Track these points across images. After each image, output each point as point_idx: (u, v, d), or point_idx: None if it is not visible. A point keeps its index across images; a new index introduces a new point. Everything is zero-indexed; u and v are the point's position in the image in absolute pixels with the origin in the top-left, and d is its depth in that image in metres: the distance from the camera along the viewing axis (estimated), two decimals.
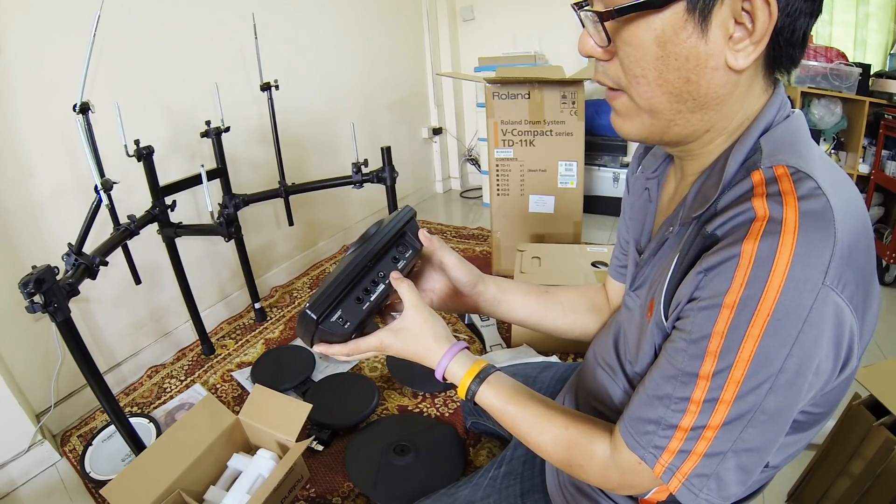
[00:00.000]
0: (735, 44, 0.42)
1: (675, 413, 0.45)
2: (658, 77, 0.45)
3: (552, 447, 0.57)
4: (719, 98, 0.45)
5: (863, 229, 0.42)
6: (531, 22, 2.76)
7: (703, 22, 0.41)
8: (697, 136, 0.50)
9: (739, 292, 0.40)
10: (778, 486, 1.11)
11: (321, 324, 0.59)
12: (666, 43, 0.43)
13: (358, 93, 2.46)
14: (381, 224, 0.67)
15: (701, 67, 0.43)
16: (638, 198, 0.65)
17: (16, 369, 1.29)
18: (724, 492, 0.45)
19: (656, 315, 0.51)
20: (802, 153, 0.44)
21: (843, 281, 0.39)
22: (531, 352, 1.53)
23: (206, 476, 1.11)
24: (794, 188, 0.40)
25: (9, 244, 1.26)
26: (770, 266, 0.39)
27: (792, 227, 0.38)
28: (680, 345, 0.45)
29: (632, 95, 0.48)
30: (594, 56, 0.48)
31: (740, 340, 0.40)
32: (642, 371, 0.54)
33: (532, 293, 0.78)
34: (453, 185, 3.36)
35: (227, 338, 1.78)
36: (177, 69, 1.59)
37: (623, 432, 0.50)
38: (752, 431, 0.43)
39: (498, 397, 0.60)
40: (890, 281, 1.91)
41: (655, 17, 0.42)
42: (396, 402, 1.41)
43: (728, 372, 0.41)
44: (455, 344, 0.64)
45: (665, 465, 0.46)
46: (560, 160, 1.93)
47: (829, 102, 2.10)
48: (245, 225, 1.79)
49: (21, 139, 1.26)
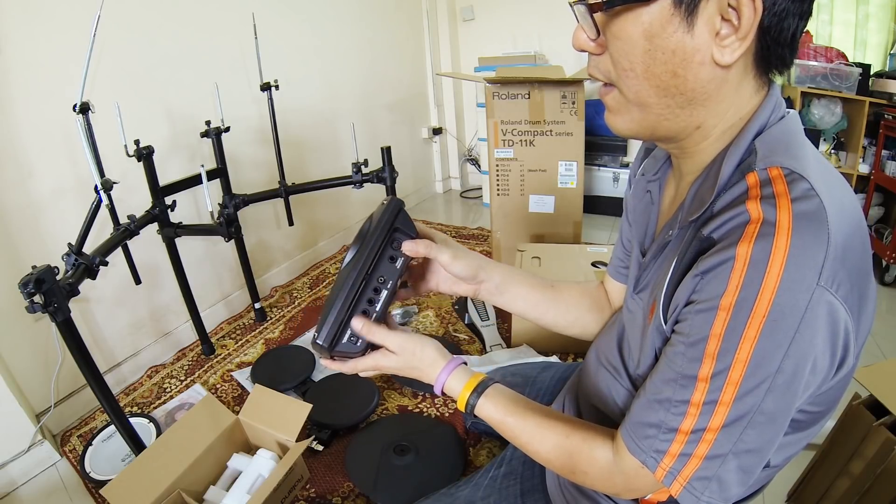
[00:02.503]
0: (721, 40, 0.43)
1: (675, 416, 0.46)
2: (646, 70, 0.45)
3: (554, 456, 0.57)
4: (707, 94, 0.46)
5: (857, 229, 0.43)
6: (531, 22, 2.76)
7: (689, 17, 0.42)
8: (688, 133, 0.50)
9: (735, 294, 0.40)
10: (778, 486, 1.11)
11: (334, 349, 0.59)
12: (653, 37, 0.43)
13: (358, 93, 2.46)
14: (370, 220, 0.64)
15: (687, 62, 0.44)
16: (640, 200, 0.65)
17: (16, 369, 1.29)
18: (725, 493, 0.46)
19: (656, 319, 0.51)
20: (797, 154, 0.44)
21: (838, 281, 0.40)
22: (531, 352, 1.53)
23: (206, 476, 1.11)
24: (787, 190, 0.41)
25: (9, 244, 1.26)
26: (765, 268, 0.39)
27: (785, 229, 0.39)
28: (679, 348, 0.46)
29: (621, 89, 0.49)
30: (586, 49, 0.49)
31: (737, 342, 0.41)
32: (644, 374, 0.54)
33: (537, 287, 0.76)
34: (453, 185, 3.36)
35: (227, 338, 1.78)
36: (177, 69, 1.59)
37: (625, 437, 0.51)
38: (752, 433, 0.43)
39: (497, 409, 0.60)
40: (890, 281, 1.91)
41: (643, 11, 0.43)
42: (396, 402, 1.41)
43: (726, 374, 0.42)
44: (452, 359, 0.64)
45: (666, 469, 0.47)
46: (560, 160, 1.93)
47: (829, 102, 2.10)
48: (245, 225, 1.78)
49: (21, 139, 1.26)
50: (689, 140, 0.51)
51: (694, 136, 0.50)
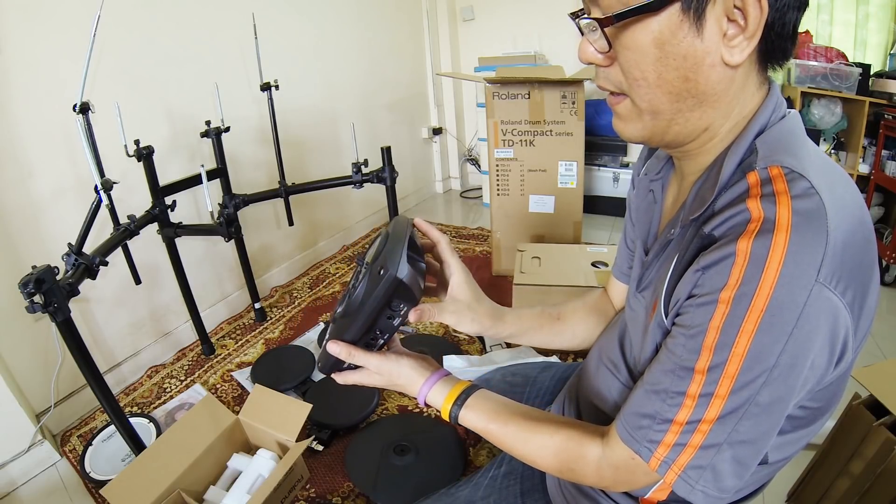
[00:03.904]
0: (729, 40, 0.43)
1: (670, 407, 0.46)
2: (658, 78, 0.46)
3: (540, 456, 0.57)
4: (717, 94, 0.46)
5: (860, 226, 0.43)
6: (531, 22, 2.76)
7: (697, 21, 0.42)
8: (696, 135, 0.50)
9: (735, 288, 0.41)
10: (778, 486, 1.11)
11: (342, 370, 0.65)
12: (664, 44, 0.44)
13: (358, 93, 2.46)
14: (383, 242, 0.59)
15: (698, 65, 0.44)
16: (643, 200, 0.66)
17: (16, 369, 1.29)
18: (720, 483, 0.46)
19: (658, 314, 0.52)
20: (797, 153, 0.45)
21: (837, 277, 0.40)
22: (531, 352, 1.53)
23: (206, 476, 1.11)
24: (787, 188, 0.41)
25: (9, 244, 1.26)
26: (764, 264, 0.40)
27: (785, 227, 0.40)
28: (679, 340, 0.46)
29: (633, 98, 0.49)
30: (595, 63, 0.50)
31: (735, 335, 0.41)
32: (643, 369, 0.54)
33: (545, 326, 0.78)
34: (453, 185, 3.36)
35: (227, 338, 1.78)
36: (177, 69, 1.59)
37: (619, 428, 0.51)
38: (747, 424, 0.43)
39: (479, 418, 0.61)
40: (890, 281, 1.91)
41: (653, 20, 0.43)
42: (396, 402, 1.41)
43: (723, 367, 0.42)
44: (432, 374, 0.64)
45: (661, 459, 0.47)
46: (560, 160, 1.93)
47: (829, 102, 2.10)
48: (245, 225, 1.79)
49: (21, 139, 1.26)
50: (696, 142, 0.51)
51: (701, 137, 0.50)
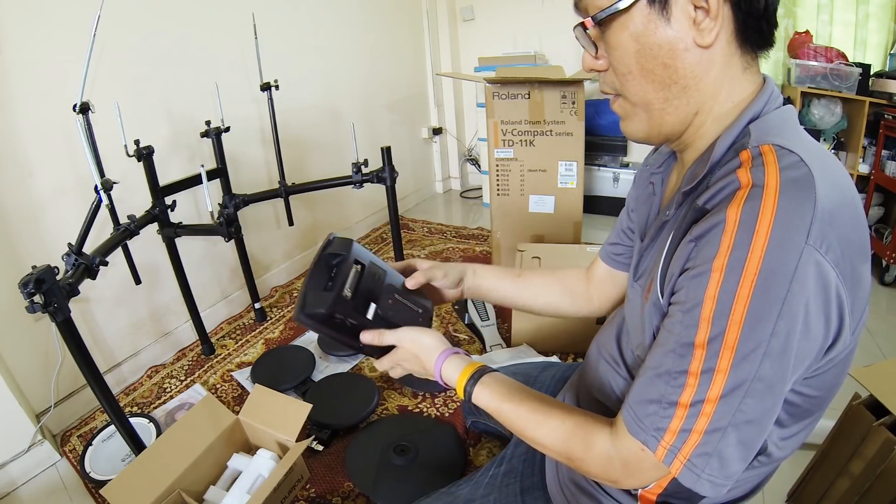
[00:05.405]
0: (699, 24, 0.47)
1: (674, 389, 0.46)
2: (641, 69, 0.50)
3: (549, 440, 0.57)
4: (697, 77, 0.50)
5: (849, 204, 0.44)
6: (531, 22, 2.76)
7: (663, 11, 0.47)
8: (689, 121, 0.53)
9: (727, 255, 0.42)
10: (778, 486, 1.11)
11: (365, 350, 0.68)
12: (639, 36, 0.49)
13: (358, 93, 2.46)
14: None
15: (674, 51, 0.48)
16: (642, 191, 0.68)
17: (16, 369, 1.29)
18: (726, 470, 0.46)
19: (653, 294, 0.52)
20: (790, 137, 0.46)
21: (827, 243, 0.41)
22: (531, 352, 1.53)
23: (206, 476, 1.11)
24: (776, 159, 0.43)
25: (9, 244, 1.26)
26: (753, 228, 0.41)
27: (773, 191, 0.41)
28: (676, 317, 0.47)
29: (626, 95, 0.53)
30: (595, 68, 0.55)
31: (731, 303, 0.42)
32: (643, 356, 0.54)
33: (505, 277, 0.85)
34: (453, 185, 3.36)
35: (227, 338, 1.78)
36: (177, 69, 1.59)
37: (626, 418, 0.51)
38: (750, 402, 0.43)
39: (493, 397, 0.61)
40: (890, 281, 1.91)
41: (626, 17, 0.49)
42: (396, 402, 1.41)
43: (722, 337, 0.43)
44: (450, 347, 0.67)
45: (667, 448, 0.47)
46: (560, 160, 1.93)
47: (829, 102, 2.10)
48: (245, 225, 1.79)
49: (21, 139, 1.26)
50: (690, 129, 0.54)
51: (694, 122, 0.53)
